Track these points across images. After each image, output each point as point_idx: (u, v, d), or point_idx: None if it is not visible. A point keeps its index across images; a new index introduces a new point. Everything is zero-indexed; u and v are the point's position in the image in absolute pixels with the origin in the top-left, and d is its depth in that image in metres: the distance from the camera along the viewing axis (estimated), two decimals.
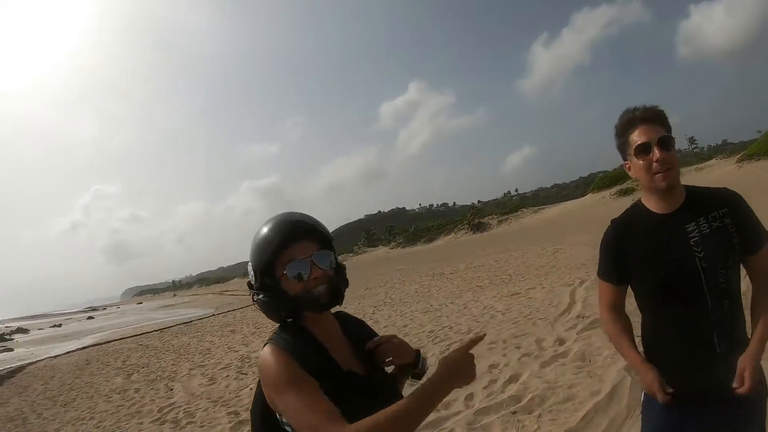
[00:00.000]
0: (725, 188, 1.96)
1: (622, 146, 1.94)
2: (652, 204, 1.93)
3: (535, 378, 5.11)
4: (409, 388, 1.42)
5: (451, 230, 56.16)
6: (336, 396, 1.30)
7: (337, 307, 1.50)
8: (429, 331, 8.63)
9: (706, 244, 1.81)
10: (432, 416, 4.56)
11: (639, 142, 1.83)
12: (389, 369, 1.63)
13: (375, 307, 13.75)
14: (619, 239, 1.99)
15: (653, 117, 1.86)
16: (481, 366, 5.80)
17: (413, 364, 1.64)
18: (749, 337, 1.88)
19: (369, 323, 1.64)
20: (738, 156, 39.36)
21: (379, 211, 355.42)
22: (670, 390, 1.81)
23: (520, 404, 4.50)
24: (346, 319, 1.65)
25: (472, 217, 55.89)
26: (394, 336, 1.62)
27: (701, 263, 1.79)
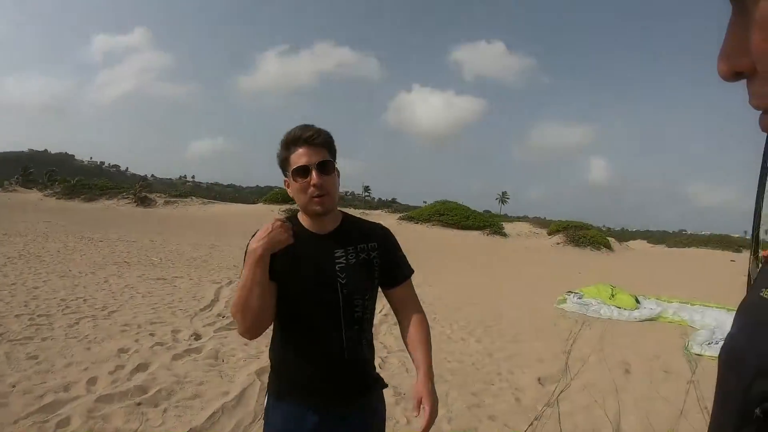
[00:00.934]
0: (379, 224, 2.16)
1: (283, 163, 1.97)
2: (307, 222, 1.99)
3: (164, 370, 5.02)
4: None
5: (115, 195, 52.50)
6: None
7: None
8: (61, 299, 7.87)
9: (351, 272, 1.93)
10: (49, 398, 4.15)
11: (298, 164, 1.88)
12: None
13: (8, 258, 11.95)
14: None
15: (318, 141, 1.91)
16: (110, 347, 5.51)
17: None
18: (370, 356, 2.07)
19: None
20: (400, 215, 50.15)
21: (47, 150, 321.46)
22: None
23: (146, 395, 4.36)
24: None
25: (140, 189, 53.33)
26: None
27: (342, 289, 1.90)
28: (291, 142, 1.91)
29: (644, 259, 41.88)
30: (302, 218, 2.00)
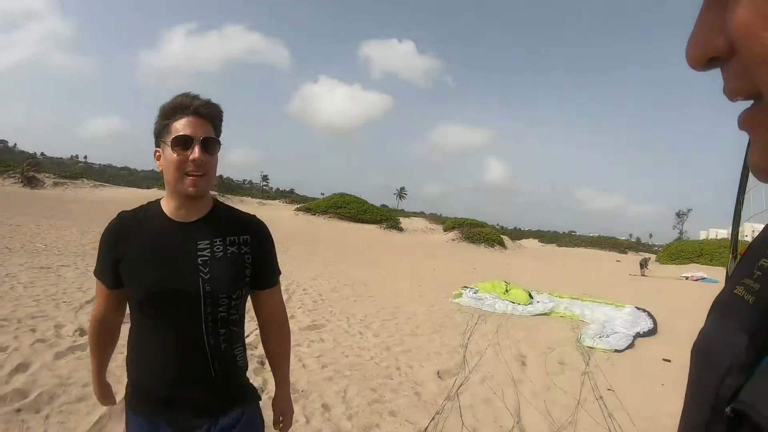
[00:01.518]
0: (255, 216, 1.93)
1: (161, 130, 1.74)
2: (170, 207, 1.77)
3: (46, 370, 4.67)
4: None
5: (0, 174, 49.06)
6: None
7: None
8: None
9: (215, 267, 1.72)
10: None
11: (181, 133, 1.67)
12: None
13: None
14: (121, 236, 1.78)
15: (209, 114, 1.73)
16: None
17: None
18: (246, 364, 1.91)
19: None
20: (298, 206, 51.49)
21: None
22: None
23: (26, 400, 4.02)
24: None
25: (28, 169, 49.68)
26: None
27: (204, 285, 1.70)
28: (177, 108, 1.71)
29: (536, 256, 43.77)
30: (165, 203, 1.78)
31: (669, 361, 7.68)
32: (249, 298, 1.91)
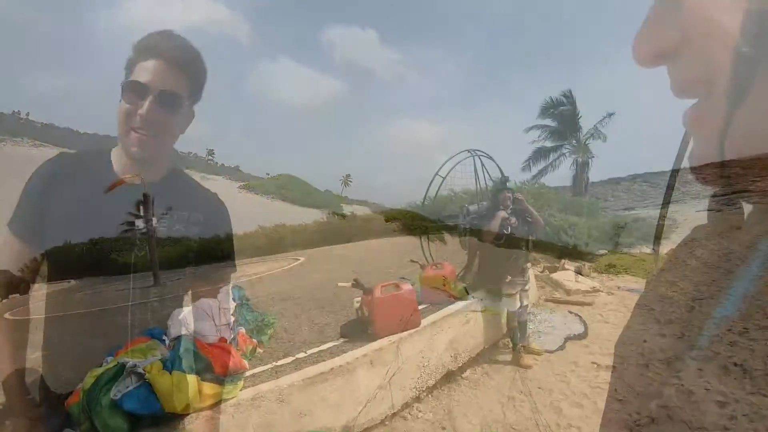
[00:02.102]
0: (216, 195, 1.70)
1: (127, 70, 1.49)
2: (120, 162, 1.50)
3: None
4: None
5: None
6: None
7: None
8: None
9: (152, 244, 1.48)
10: None
11: (135, 79, 1.41)
12: None
13: None
14: (56, 182, 1.47)
15: (179, 61, 1.45)
16: None
17: None
18: None
19: None
20: (242, 184, 53.64)
21: None
22: None
23: None
24: None
25: None
26: None
27: (135, 266, 1.45)
28: (144, 48, 1.43)
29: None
30: (116, 157, 1.50)
31: (598, 364, 7.87)
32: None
